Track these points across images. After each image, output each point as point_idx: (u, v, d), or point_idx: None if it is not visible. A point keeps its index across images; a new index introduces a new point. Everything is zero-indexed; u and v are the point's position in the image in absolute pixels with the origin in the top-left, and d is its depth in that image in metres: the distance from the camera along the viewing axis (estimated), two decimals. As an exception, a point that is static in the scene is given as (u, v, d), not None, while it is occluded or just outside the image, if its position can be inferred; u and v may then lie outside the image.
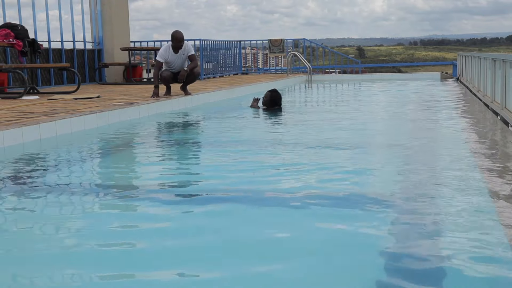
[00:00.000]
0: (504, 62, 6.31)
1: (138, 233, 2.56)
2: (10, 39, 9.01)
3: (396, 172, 3.67)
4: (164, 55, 8.35)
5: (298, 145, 4.97)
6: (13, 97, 8.26)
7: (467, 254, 2.18)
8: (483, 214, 2.64)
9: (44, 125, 5.24)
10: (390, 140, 5.36)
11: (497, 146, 4.67)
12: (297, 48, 18.55)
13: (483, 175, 3.40)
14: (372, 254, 2.22)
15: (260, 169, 3.90)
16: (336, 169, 3.82)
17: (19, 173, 3.92)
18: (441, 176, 3.50)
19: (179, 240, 2.45)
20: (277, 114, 7.39)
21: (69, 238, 2.54)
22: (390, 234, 2.46)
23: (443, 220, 2.59)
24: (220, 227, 2.62)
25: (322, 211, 2.85)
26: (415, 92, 11.76)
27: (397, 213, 2.75)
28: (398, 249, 2.29)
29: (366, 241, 2.38)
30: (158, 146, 5.32)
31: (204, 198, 3.16)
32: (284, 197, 3.12)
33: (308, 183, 3.43)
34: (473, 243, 2.28)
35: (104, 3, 12.98)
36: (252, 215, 2.83)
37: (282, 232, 2.54)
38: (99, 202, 3.16)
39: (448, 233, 2.42)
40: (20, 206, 3.10)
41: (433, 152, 4.51)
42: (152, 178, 3.79)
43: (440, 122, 6.50)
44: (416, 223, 2.57)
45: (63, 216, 2.89)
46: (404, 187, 3.28)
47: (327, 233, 2.52)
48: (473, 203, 2.86)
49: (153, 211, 2.92)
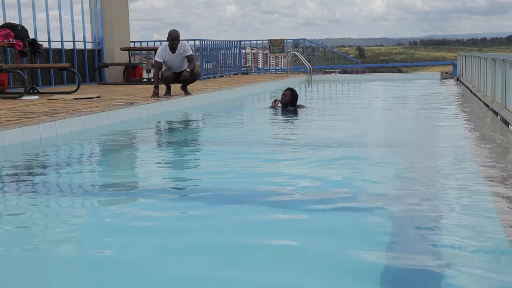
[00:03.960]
0: (504, 62, 6.31)
1: (138, 233, 2.56)
2: (10, 39, 9.01)
3: (395, 172, 3.67)
4: (161, 54, 8.35)
5: (299, 145, 4.97)
6: (13, 97, 8.26)
7: (467, 254, 2.18)
8: (483, 214, 2.64)
9: (44, 125, 5.24)
10: (389, 140, 5.36)
11: (497, 146, 4.67)
12: (297, 48, 18.55)
13: (483, 175, 3.40)
14: (372, 254, 2.22)
15: (260, 169, 3.90)
16: (336, 169, 3.82)
17: (19, 173, 3.92)
18: (441, 176, 3.50)
19: (179, 240, 2.45)
20: (287, 114, 7.36)
21: (69, 238, 2.54)
22: (390, 234, 2.46)
23: (443, 220, 2.59)
24: (220, 227, 2.62)
25: (322, 211, 2.85)
26: (415, 92, 11.76)
27: (397, 214, 2.75)
28: (398, 248, 2.29)
29: (366, 242, 2.37)
30: (158, 146, 5.32)
31: (204, 198, 3.16)
32: (284, 197, 3.11)
33: (308, 183, 3.43)
34: (473, 243, 2.28)
35: (104, 3, 12.98)
36: (252, 215, 2.82)
37: (282, 232, 2.54)
38: (99, 202, 3.16)
39: (448, 233, 2.42)
40: (20, 206, 3.10)
41: (433, 152, 4.51)
42: (152, 178, 3.79)
43: (440, 122, 6.49)
44: (416, 223, 2.57)
45: (63, 216, 2.89)
46: (404, 187, 3.28)
47: (328, 233, 2.52)
48: (473, 203, 2.86)
49: (153, 211, 2.92)
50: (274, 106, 7.80)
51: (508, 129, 5.43)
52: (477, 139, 5.00)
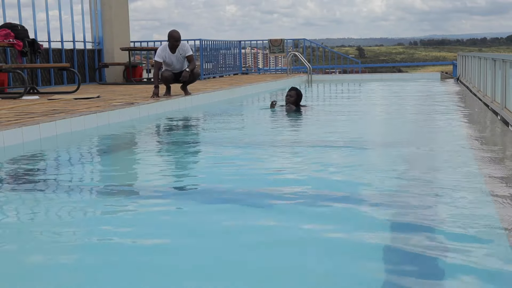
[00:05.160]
0: (504, 62, 6.31)
1: (138, 233, 2.56)
2: (10, 39, 9.01)
3: (395, 172, 3.66)
4: (161, 54, 8.35)
5: (299, 145, 4.97)
6: (13, 97, 8.26)
7: (467, 253, 2.18)
8: (483, 214, 2.64)
9: (44, 125, 5.24)
10: (388, 140, 5.36)
11: (497, 146, 4.67)
12: (297, 48, 18.54)
13: (483, 175, 3.40)
14: (372, 254, 2.22)
15: (261, 169, 3.90)
16: (336, 169, 3.82)
17: (19, 173, 3.92)
18: (441, 176, 3.50)
19: (179, 240, 2.45)
20: (291, 113, 7.35)
21: (69, 237, 2.54)
22: (391, 234, 2.47)
23: (443, 220, 2.59)
24: (220, 227, 2.62)
25: (322, 211, 2.85)
26: (415, 92, 11.76)
27: (397, 213, 2.75)
28: (399, 250, 2.29)
29: (366, 242, 2.38)
30: (158, 146, 5.32)
31: (204, 198, 3.16)
32: (284, 197, 3.12)
33: (309, 183, 3.43)
34: (473, 243, 2.28)
35: (104, 3, 12.98)
36: (252, 215, 2.82)
37: (281, 232, 2.54)
38: (99, 201, 3.16)
39: (448, 233, 2.42)
40: (20, 206, 3.10)
41: (433, 152, 4.51)
42: (152, 178, 3.79)
43: (440, 122, 6.50)
44: (416, 223, 2.57)
45: (63, 216, 2.89)
46: (403, 187, 3.28)
47: (327, 233, 2.52)
48: (473, 203, 2.86)
49: (153, 211, 2.92)
50: (273, 106, 7.80)
51: (508, 129, 5.43)
52: (476, 139, 5.00)
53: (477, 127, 5.97)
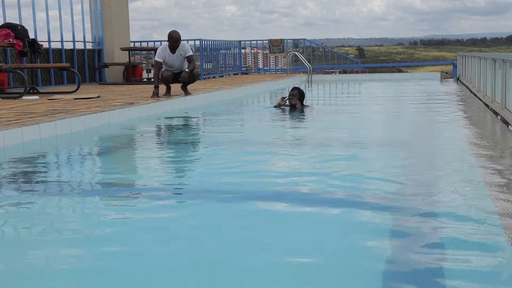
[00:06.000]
0: (504, 62, 6.31)
1: (138, 233, 2.56)
2: (10, 39, 9.01)
3: (396, 172, 3.67)
4: (161, 54, 8.35)
5: (300, 145, 4.97)
6: (13, 97, 8.26)
7: (467, 253, 2.18)
8: (483, 214, 2.64)
9: (44, 125, 5.24)
10: (388, 140, 5.36)
11: (497, 146, 4.67)
12: (297, 48, 18.54)
13: (483, 175, 3.40)
14: (372, 254, 2.22)
15: (260, 168, 3.90)
16: (336, 169, 3.82)
17: (19, 173, 3.92)
18: (441, 176, 3.50)
19: (179, 240, 2.45)
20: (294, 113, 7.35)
21: (69, 237, 2.54)
22: (391, 235, 2.47)
23: (443, 220, 2.59)
24: (220, 227, 2.62)
25: (322, 210, 2.85)
26: (415, 92, 11.76)
27: (397, 214, 2.75)
28: (399, 249, 2.29)
29: (366, 242, 2.38)
30: (158, 146, 5.32)
31: (204, 198, 3.16)
32: (284, 197, 3.12)
33: (310, 183, 3.43)
34: (473, 243, 2.28)
35: (104, 3, 12.97)
36: (252, 215, 2.82)
37: (281, 232, 2.54)
38: (99, 202, 3.16)
39: (447, 233, 2.42)
40: (20, 206, 3.10)
41: (433, 152, 4.51)
42: (152, 178, 3.79)
43: (440, 122, 6.50)
44: (416, 223, 2.57)
45: (63, 216, 2.89)
46: (403, 187, 3.28)
47: (327, 233, 2.52)
48: (473, 203, 2.86)
49: (153, 211, 2.92)
50: (282, 103, 7.74)
51: (508, 129, 5.43)
52: (476, 139, 5.00)
53: (477, 127, 5.97)
